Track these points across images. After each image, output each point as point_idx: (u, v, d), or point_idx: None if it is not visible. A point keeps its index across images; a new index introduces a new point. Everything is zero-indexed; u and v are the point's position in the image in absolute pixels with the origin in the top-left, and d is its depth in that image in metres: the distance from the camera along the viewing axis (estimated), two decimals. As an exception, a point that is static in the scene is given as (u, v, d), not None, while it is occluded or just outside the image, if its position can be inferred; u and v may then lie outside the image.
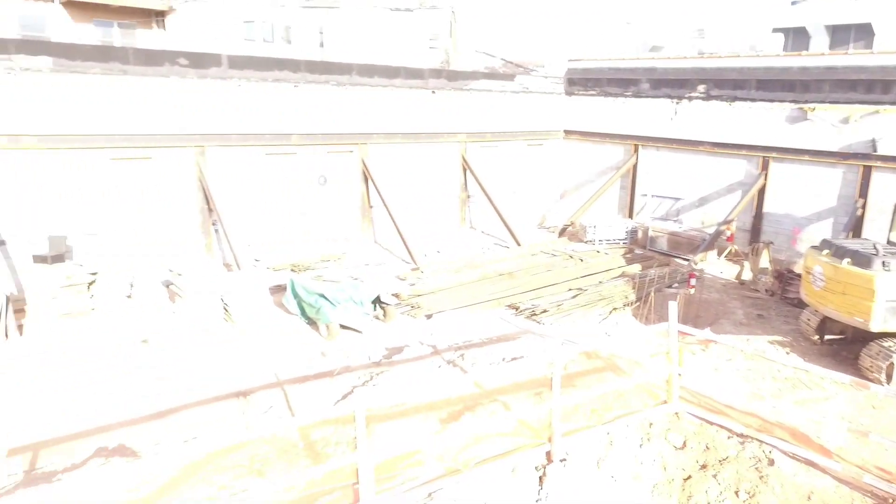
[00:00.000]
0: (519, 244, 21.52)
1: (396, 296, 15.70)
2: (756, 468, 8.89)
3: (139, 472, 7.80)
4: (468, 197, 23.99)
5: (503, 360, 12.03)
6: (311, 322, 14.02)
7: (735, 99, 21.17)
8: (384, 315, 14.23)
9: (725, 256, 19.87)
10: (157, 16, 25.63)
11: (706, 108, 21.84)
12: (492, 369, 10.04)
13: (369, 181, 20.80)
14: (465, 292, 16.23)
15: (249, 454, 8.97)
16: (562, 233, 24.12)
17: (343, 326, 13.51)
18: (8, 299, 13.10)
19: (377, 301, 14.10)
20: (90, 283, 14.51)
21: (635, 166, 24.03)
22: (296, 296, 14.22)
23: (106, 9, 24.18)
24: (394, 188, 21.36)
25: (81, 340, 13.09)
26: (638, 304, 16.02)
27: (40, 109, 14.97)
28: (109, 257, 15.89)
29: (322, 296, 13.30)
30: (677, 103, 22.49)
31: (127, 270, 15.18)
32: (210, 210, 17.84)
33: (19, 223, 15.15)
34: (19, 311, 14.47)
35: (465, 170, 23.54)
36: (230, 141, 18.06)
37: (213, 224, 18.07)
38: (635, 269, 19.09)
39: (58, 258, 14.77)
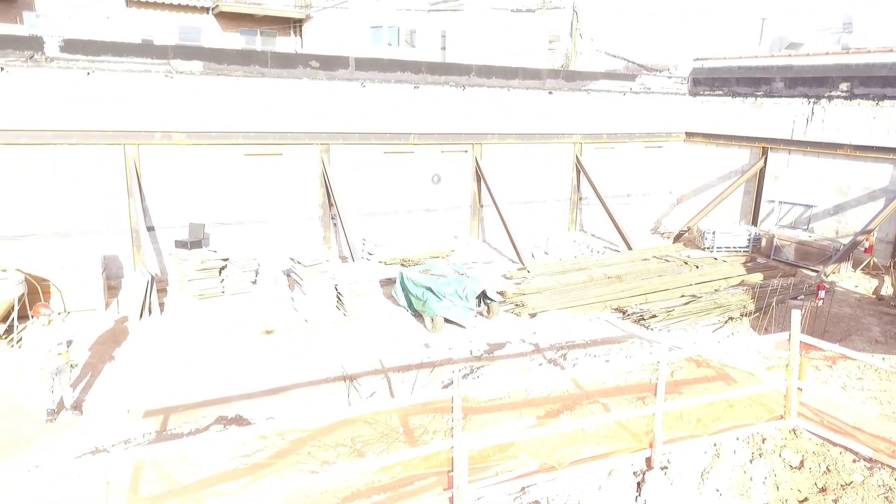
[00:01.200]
0: (630, 248, 20.88)
1: (502, 293, 15.80)
2: (886, 497, 8.12)
3: (252, 441, 8.44)
4: (580, 199, 23.61)
5: (606, 362, 11.76)
6: (417, 314, 14.43)
7: (884, 98, 19.30)
8: (488, 311, 14.36)
9: (862, 269, 18.17)
10: (295, 24, 27.52)
11: (848, 109, 20.08)
12: (593, 366, 9.82)
13: (481, 181, 21.04)
14: (570, 294, 16.01)
15: (352, 435, 9.43)
16: (677, 238, 23.10)
17: (447, 320, 13.79)
18: (153, 279, 14.58)
19: (482, 297, 14.26)
20: (221, 269, 15.80)
21: (762, 170, 22.55)
22: (404, 288, 14.70)
23: (251, 19, 26.39)
24: (505, 188, 21.46)
25: (212, 320, 14.29)
26: (757, 315, 15.05)
27: (189, 108, 16.53)
28: (239, 245, 17.20)
29: (429, 289, 13.66)
30: (815, 103, 20.84)
31: (254, 258, 16.37)
32: (330, 205, 18.83)
33: (167, 211, 16.81)
34: (162, 291, 16.06)
35: (578, 171, 23.19)
36: (352, 139, 18.96)
37: (333, 218, 19.07)
38: (756, 278, 17.94)
39: (196, 244, 16.23)
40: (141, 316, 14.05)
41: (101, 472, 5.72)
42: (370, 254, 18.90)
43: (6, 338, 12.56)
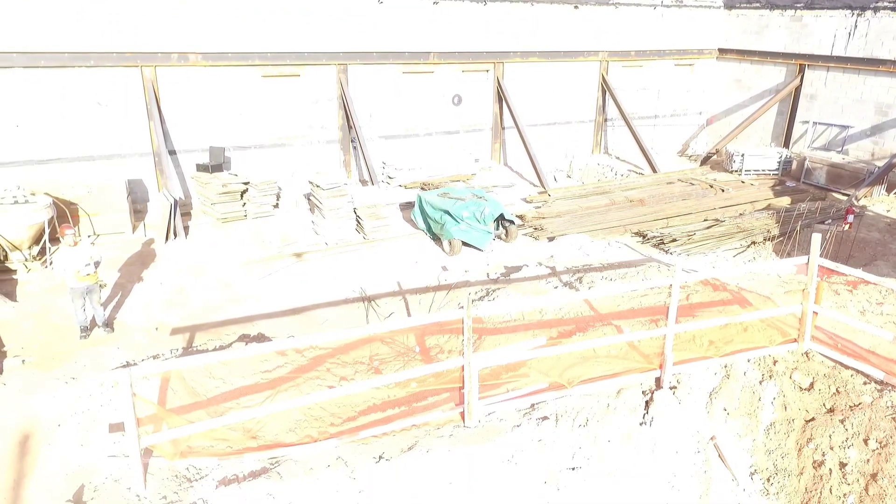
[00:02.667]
0: (655, 171, 20.49)
1: (521, 217, 15.77)
2: (894, 418, 8.21)
3: (273, 357, 8.79)
4: (605, 120, 23.01)
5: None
6: (436, 237, 14.52)
7: (935, 9, 18.11)
8: (506, 235, 14.39)
9: (896, 193, 17.66)
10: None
11: (895, 21, 18.89)
12: (606, 288, 9.81)
13: (503, 102, 20.56)
14: (591, 217, 15.90)
15: (369, 353, 9.75)
16: (704, 161, 22.58)
17: (465, 243, 13.87)
18: (176, 202, 14.81)
19: (500, 220, 14.24)
20: (242, 192, 15.96)
21: (798, 89, 21.59)
22: (422, 211, 14.74)
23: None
24: (528, 109, 20.99)
25: (234, 243, 14.59)
26: (781, 239, 14.83)
27: (204, 28, 16.24)
28: (260, 169, 17.28)
29: (447, 212, 13.67)
30: (858, 16, 19.64)
31: (274, 181, 16.46)
32: (350, 127, 18.66)
33: (187, 135, 16.84)
34: (186, 215, 16.34)
35: (603, 91, 22.48)
36: (370, 59, 18.54)
37: (352, 141, 18.93)
38: (783, 202, 17.57)
39: (217, 168, 16.34)
40: (167, 239, 14.38)
41: (127, 385, 6.04)
42: (390, 177, 18.86)
43: (40, 258, 13.02)
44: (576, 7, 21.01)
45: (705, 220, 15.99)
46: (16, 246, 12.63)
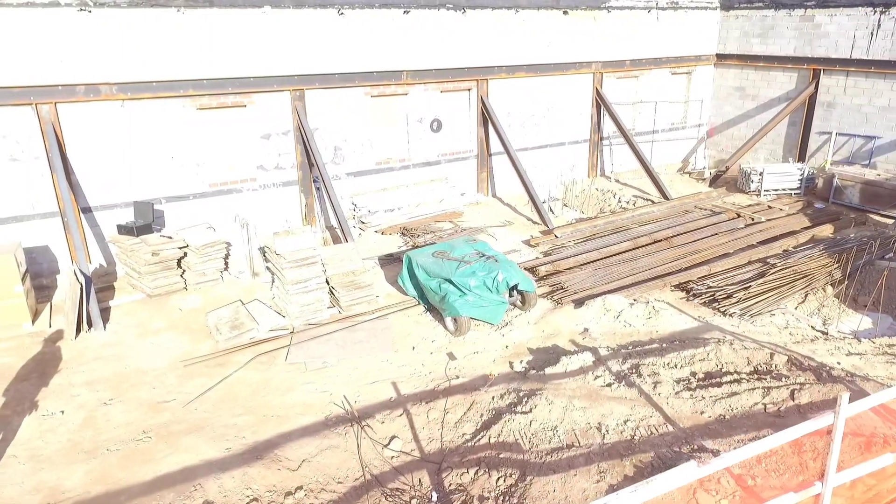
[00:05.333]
0: (668, 198, 17.85)
1: (532, 271, 12.82)
2: None
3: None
4: (601, 139, 20.33)
5: (693, 375, 8.94)
6: (432, 308, 11.43)
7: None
8: (522, 301, 11.36)
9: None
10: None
11: (918, 18, 16.78)
12: (735, 454, 6.39)
13: (489, 124, 17.63)
14: (616, 267, 13.05)
15: (371, 526, 6.64)
16: (714, 181, 20.09)
17: (473, 317, 10.79)
18: (89, 282, 11.29)
19: (515, 287, 11.17)
20: (179, 259, 12.56)
21: (813, 97, 19.32)
22: (413, 276, 11.61)
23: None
24: (516, 131, 18.20)
25: (167, 332, 11.19)
26: (847, 283, 12.25)
27: (119, 53, 12.81)
28: (201, 224, 13.91)
29: (448, 281, 10.58)
30: (882, 13, 17.44)
31: (221, 240, 13.11)
32: (311, 165, 15.42)
33: (106, 187, 13.34)
34: (108, 289, 12.88)
35: (598, 106, 19.79)
36: (331, 82, 15.36)
37: (315, 181, 15.70)
38: (826, 230, 15.11)
39: (144, 228, 12.86)
40: (77, 331, 10.87)
41: None
42: (363, 222, 15.70)
43: None
44: (565, 12, 18.27)
45: (749, 263, 13.33)
46: None
